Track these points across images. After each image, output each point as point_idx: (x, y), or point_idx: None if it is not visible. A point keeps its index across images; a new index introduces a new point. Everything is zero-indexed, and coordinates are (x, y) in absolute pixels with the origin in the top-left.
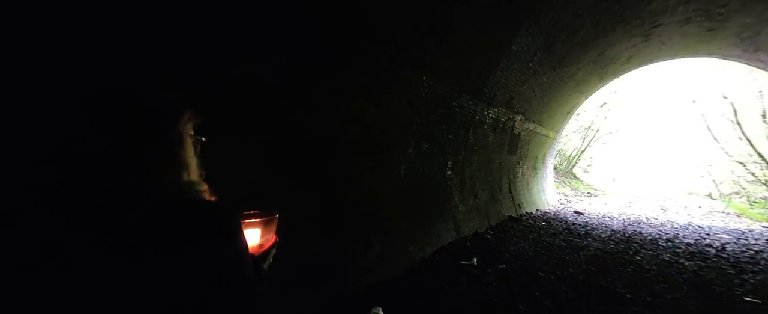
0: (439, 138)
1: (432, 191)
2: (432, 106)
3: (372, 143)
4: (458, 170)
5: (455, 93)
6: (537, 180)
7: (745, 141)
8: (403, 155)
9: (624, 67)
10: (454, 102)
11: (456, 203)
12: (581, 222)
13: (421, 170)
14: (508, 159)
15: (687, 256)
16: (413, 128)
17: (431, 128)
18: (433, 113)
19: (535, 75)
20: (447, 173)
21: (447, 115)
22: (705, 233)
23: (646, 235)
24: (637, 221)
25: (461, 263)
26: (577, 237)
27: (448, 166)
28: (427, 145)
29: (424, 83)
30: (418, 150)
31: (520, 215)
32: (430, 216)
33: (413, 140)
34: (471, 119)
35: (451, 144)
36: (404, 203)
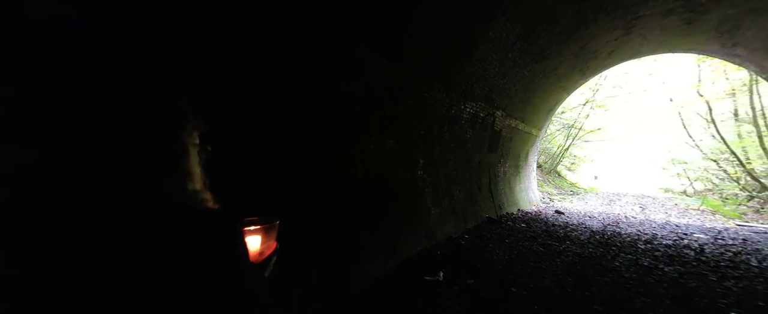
0: (407, 133)
1: (399, 194)
2: (397, 95)
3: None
4: (432, 170)
5: (426, 82)
6: (519, 179)
7: (718, 139)
8: (360, 153)
9: (605, 62)
10: (424, 92)
11: (428, 206)
12: (561, 223)
13: (385, 170)
14: (488, 157)
15: (666, 260)
16: (374, 121)
17: (397, 122)
18: (399, 104)
19: (515, 67)
20: (418, 172)
21: (417, 107)
22: (682, 232)
23: (625, 236)
24: (617, 221)
25: (425, 279)
26: (555, 239)
27: (419, 165)
28: (393, 141)
29: (386, 67)
30: (380, 147)
31: (500, 216)
32: (395, 224)
33: (374, 135)
34: (446, 113)
35: (422, 141)
36: (360, 211)
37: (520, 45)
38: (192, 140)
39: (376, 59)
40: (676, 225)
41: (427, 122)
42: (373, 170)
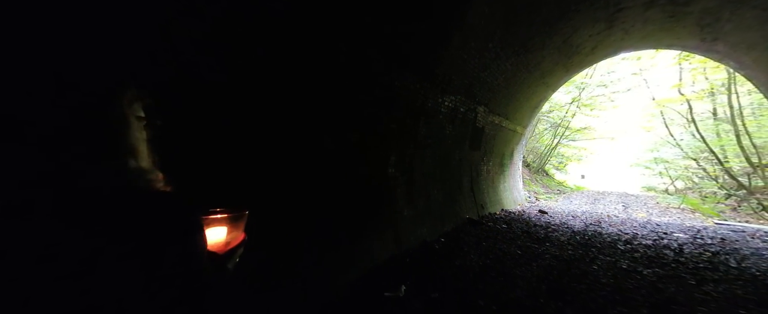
0: (375, 127)
1: (364, 195)
2: (362, 83)
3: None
4: (405, 168)
5: (397, 69)
6: (503, 178)
7: (698, 138)
8: (314, 149)
9: (589, 58)
10: (395, 81)
11: (400, 207)
12: (543, 223)
13: (347, 167)
14: (470, 155)
15: (645, 262)
16: (332, 111)
17: (362, 113)
18: (365, 93)
19: (496, 60)
20: (389, 170)
21: (387, 98)
22: (662, 232)
23: (606, 236)
24: (599, 221)
25: (385, 295)
26: (535, 241)
27: (390, 162)
28: (357, 135)
29: (342, 48)
30: (341, 141)
31: (482, 216)
32: (358, 229)
33: (331, 128)
34: (422, 105)
35: (394, 135)
36: (314, 216)
37: (500, 34)
38: (132, 112)
39: (333, 42)
40: (656, 224)
41: (399, 115)
42: (330, 169)
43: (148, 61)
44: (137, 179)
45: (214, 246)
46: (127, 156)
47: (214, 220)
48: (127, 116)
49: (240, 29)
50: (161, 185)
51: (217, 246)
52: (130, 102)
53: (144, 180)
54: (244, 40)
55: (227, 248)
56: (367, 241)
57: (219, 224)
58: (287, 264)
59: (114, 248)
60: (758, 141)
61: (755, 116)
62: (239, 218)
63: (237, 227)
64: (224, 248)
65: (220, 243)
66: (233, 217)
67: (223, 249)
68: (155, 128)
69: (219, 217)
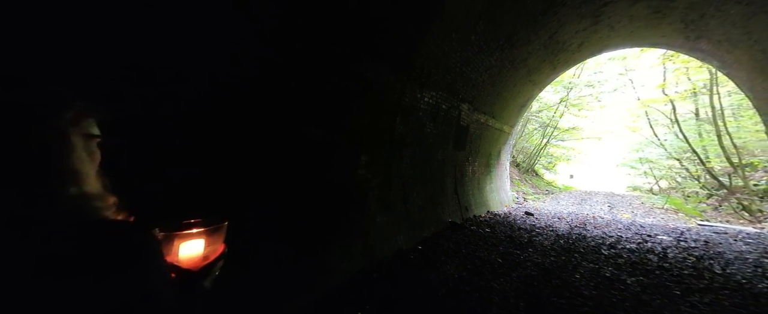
0: (341, 123)
1: (328, 200)
2: (321, 71)
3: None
4: (379, 168)
5: (367, 58)
6: (490, 179)
7: (681, 138)
8: (260, 146)
9: (575, 56)
10: (366, 72)
11: (372, 213)
12: (528, 226)
13: (305, 168)
14: (454, 155)
15: (629, 269)
16: (283, 102)
17: (324, 106)
18: (327, 83)
19: (480, 54)
20: (359, 172)
21: (356, 91)
22: (646, 234)
23: (590, 240)
24: (584, 222)
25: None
26: (518, 247)
27: (360, 162)
28: (318, 130)
29: (293, 27)
30: (296, 138)
31: (465, 220)
32: (318, 241)
33: (281, 122)
34: (398, 101)
35: (366, 133)
36: (261, 227)
37: (483, 26)
38: (78, 130)
39: (284, 14)
40: (641, 226)
41: (371, 110)
42: (284, 170)
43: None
44: (83, 207)
45: (189, 262)
46: (64, 182)
47: (188, 234)
48: (68, 134)
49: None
50: (112, 211)
51: (192, 261)
52: (75, 119)
53: (90, 208)
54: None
55: (205, 262)
56: (327, 257)
57: (195, 238)
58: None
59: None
60: (738, 141)
61: (735, 117)
62: (218, 230)
63: (216, 239)
64: (201, 262)
65: (197, 258)
66: (211, 229)
67: (199, 264)
68: (111, 146)
69: (194, 231)
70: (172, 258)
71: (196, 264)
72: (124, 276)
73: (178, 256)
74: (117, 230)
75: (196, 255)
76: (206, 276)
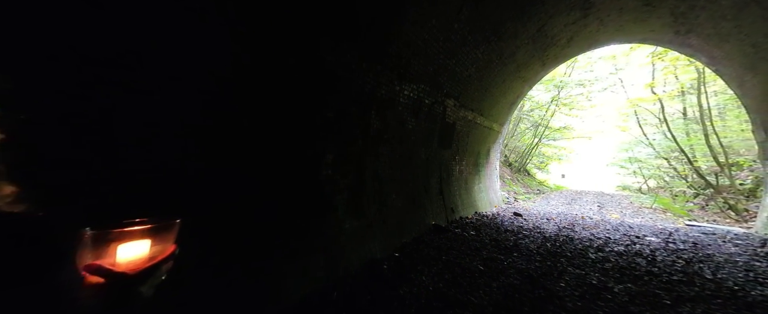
0: (300, 114)
1: (281, 206)
2: (272, 52)
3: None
4: (350, 168)
5: (326, 42)
6: (479, 179)
7: (669, 137)
8: (191, 141)
9: (565, 51)
10: (328, 55)
11: (339, 219)
12: (515, 228)
13: (252, 168)
14: (439, 154)
15: (617, 275)
16: (227, 86)
17: (278, 94)
18: (280, 66)
19: (465, 45)
20: (323, 172)
21: (316, 78)
22: (635, 235)
23: (577, 242)
24: (572, 223)
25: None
26: (502, 251)
27: (325, 161)
28: (272, 124)
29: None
30: (239, 131)
31: (451, 222)
32: (265, 256)
33: (224, 111)
34: (373, 92)
35: (332, 128)
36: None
37: (467, 14)
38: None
39: None
40: (629, 226)
41: (339, 102)
42: (224, 169)
43: None
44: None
45: (129, 265)
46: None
47: (130, 233)
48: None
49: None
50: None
51: (133, 263)
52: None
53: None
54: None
55: (149, 264)
56: (275, 276)
57: (138, 238)
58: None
59: None
60: (724, 141)
61: (721, 116)
62: (167, 228)
63: (164, 238)
64: (145, 264)
65: (140, 260)
66: (158, 227)
67: (141, 265)
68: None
69: (136, 229)
70: (107, 261)
71: (137, 267)
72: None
73: (115, 258)
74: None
75: (139, 257)
76: (146, 281)
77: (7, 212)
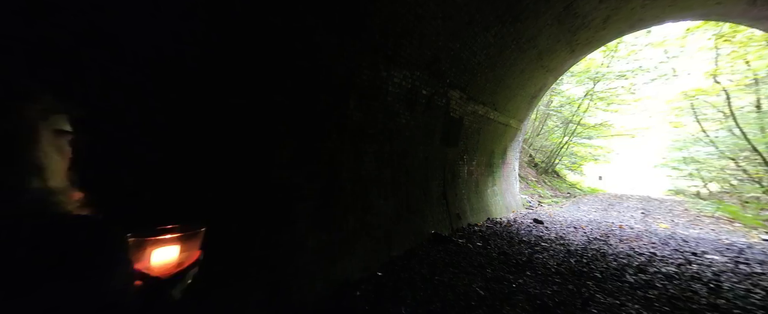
0: (235, 97)
1: (215, 221)
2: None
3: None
4: (320, 169)
5: (274, 4)
6: (492, 181)
7: (738, 134)
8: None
9: (600, 34)
10: (274, 19)
11: (299, 235)
12: (533, 238)
13: (167, 171)
14: (442, 153)
15: (666, 308)
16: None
17: (197, 67)
18: (214, 31)
19: (472, 26)
20: (276, 174)
21: (261, 48)
22: (691, 252)
23: (611, 258)
24: (606, 234)
25: None
26: (512, 269)
27: (279, 159)
28: (185, 109)
29: None
30: (141, 122)
31: (455, 230)
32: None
33: (123, 96)
34: (350, 77)
35: (288, 117)
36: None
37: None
38: (46, 125)
39: None
40: (683, 240)
41: (296, 84)
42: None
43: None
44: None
45: (161, 269)
46: (29, 176)
47: (163, 240)
48: (35, 128)
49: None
50: (76, 206)
51: (165, 268)
52: (43, 113)
53: (52, 203)
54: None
55: (178, 269)
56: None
57: (168, 244)
58: None
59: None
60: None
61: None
62: (194, 236)
63: (191, 245)
64: (174, 269)
65: (171, 265)
66: (187, 235)
67: (171, 271)
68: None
69: (168, 237)
70: (143, 265)
71: (168, 271)
72: (84, 278)
73: (150, 262)
74: (80, 229)
75: (170, 262)
76: (176, 284)
77: (74, 214)
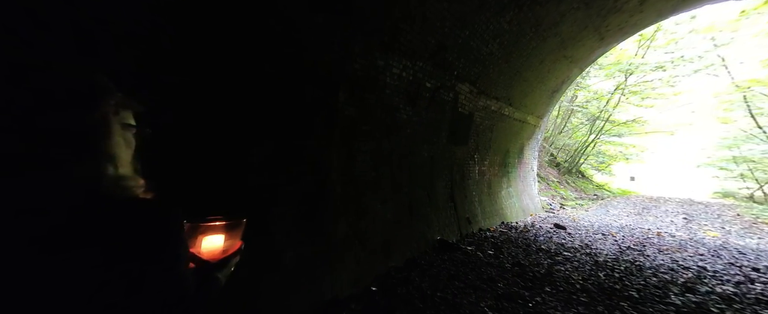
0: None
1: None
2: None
3: None
4: (302, 170)
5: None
6: (507, 182)
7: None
8: None
9: (635, 18)
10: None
11: (276, 248)
12: (553, 247)
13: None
14: (449, 152)
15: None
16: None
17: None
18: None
19: (483, 9)
20: (250, 179)
21: (227, 27)
22: (751, 267)
23: (650, 273)
24: (643, 242)
25: None
26: (528, 283)
27: (253, 161)
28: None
29: None
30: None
31: (464, 236)
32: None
33: None
34: (342, 66)
35: (264, 111)
36: None
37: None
38: (119, 119)
39: None
40: (738, 251)
41: (274, 72)
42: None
43: None
44: (116, 187)
45: (209, 254)
46: (106, 163)
47: (211, 227)
48: (110, 122)
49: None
50: (142, 192)
51: (212, 253)
52: (116, 108)
53: (123, 187)
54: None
55: (223, 256)
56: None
57: (215, 232)
58: None
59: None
60: None
61: None
62: (236, 226)
63: (234, 235)
64: (220, 256)
65: (216, 251)
66: (230, 224)
67: (218, 256)
68: (145, 136)
69: (216, 225)
70: (195, 249)
71: (214, 257)
72: (157, 255)
73: (201, 248)
74: (152, 213)
75: (216, 248)
76: (222, 269)
77: (144, 199)
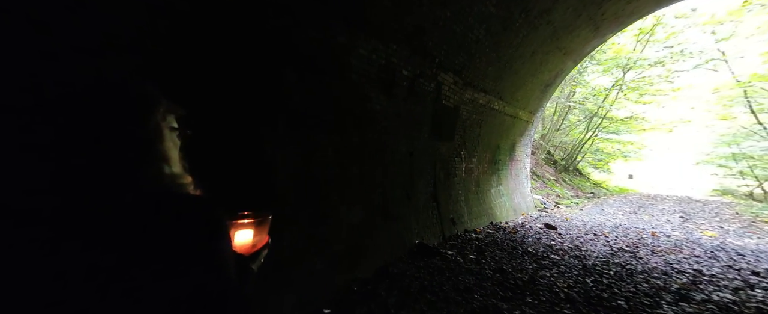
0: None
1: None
2: None
3: None
4: (231, 168)
5: None
6: (497, 180)
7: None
8: None
9: (631, 6)
10: None
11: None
12: (541, 249)
13: None
14: (433, 147)
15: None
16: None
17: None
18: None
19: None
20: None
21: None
22: (750, 270)
23: (640, 278)
24: (636, 243)
25: None
26: (507, 293)
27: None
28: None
29: None
30: None
31: (447, 238)
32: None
33: None
34: (285, 37)
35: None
36: None
37: None
38: (167, 123)
39: None
40: (736, 252)
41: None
42: None
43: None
44: (171, 183)
45: (241, 248)
46: (161, 164)
47: (242, 223)
48: (160, 126)
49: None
50: (191, 188)
51: (243, 247)
52: (164, 114)
53: (176, 184)
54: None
55: (253, 250)
56: None
57: (246, 228)
58: None
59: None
60: None
61: None
62: (264, 222)
63: (262, 230)
64: (250, 250)
65: (247, 245)
66: (259, 220)
67: (249, 250)
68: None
69: (246, 221)
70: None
71: (246, 250)
72: (211, 238)
73: (234, 241)
74: (204, 208)
75: (247, 242)
76: (254, 262)
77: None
